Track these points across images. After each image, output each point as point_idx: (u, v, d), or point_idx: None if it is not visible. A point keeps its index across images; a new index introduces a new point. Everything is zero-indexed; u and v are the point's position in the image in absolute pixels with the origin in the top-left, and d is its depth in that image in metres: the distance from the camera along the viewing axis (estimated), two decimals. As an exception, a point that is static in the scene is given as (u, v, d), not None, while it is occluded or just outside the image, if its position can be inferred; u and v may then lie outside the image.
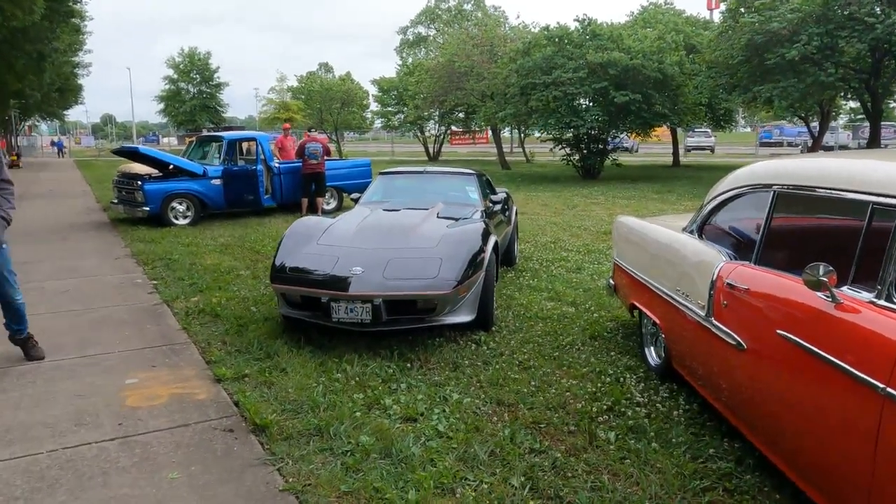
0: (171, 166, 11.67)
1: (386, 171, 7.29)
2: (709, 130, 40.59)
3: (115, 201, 11.91)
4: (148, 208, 10.94)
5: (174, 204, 11.20)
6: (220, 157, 11.90)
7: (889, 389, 1.97)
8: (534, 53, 19.73)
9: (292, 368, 4.22)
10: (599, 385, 3.95)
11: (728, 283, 3.04)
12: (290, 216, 12.22)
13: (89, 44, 32.69)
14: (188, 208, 11.31)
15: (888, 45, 15.45)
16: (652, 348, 4.27)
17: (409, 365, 4.33)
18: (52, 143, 62.29)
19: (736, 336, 2.92)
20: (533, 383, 4.00)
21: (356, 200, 6.85)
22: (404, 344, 4.68)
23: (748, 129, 67.47)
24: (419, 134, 38.04)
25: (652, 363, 4.20)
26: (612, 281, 5.04)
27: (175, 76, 53.79)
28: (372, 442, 3.22)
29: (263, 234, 10.14)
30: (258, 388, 3.92)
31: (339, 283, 4.51)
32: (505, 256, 7.14)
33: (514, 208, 7.73)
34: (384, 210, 6.05)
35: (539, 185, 18.94)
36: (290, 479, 2.90)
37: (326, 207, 12.83)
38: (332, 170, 12.93)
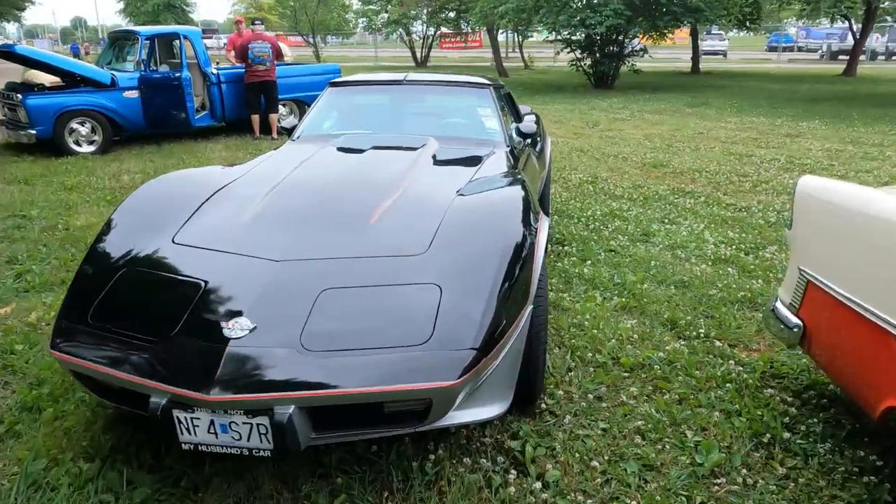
0: (79, 76, 8.69)
1: (340, 80, 4.45)
2: (722, 33, 36.85)
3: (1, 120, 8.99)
4: (34, 131, 8.02)
5: (74, 125, 8.27)
6: (135, 62, 8.87)
7: None
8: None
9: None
10: None
11: None
12: (237, 139, 9.41)
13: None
14: (94, 131, 8.43)
15: None
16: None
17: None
18: None
19: None
20: None
21: (289, 132, 4.11)
22: (363, 465, 2.14)
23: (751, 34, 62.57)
24: (405, 36, 34.05)
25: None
26: (798, 320, 2.39)
27: (134, -30, 48.53)
28: None
29: (189, 168, 7.35)
30: None
31: (188, 369, 1.85)
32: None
33: (549, 139, 4.98)
34: (337, 150, 3.37)
35: (545, 96, 15.92)
36: None
37: (283, 125, 9.92)
38: (289, 77, 9.93)
